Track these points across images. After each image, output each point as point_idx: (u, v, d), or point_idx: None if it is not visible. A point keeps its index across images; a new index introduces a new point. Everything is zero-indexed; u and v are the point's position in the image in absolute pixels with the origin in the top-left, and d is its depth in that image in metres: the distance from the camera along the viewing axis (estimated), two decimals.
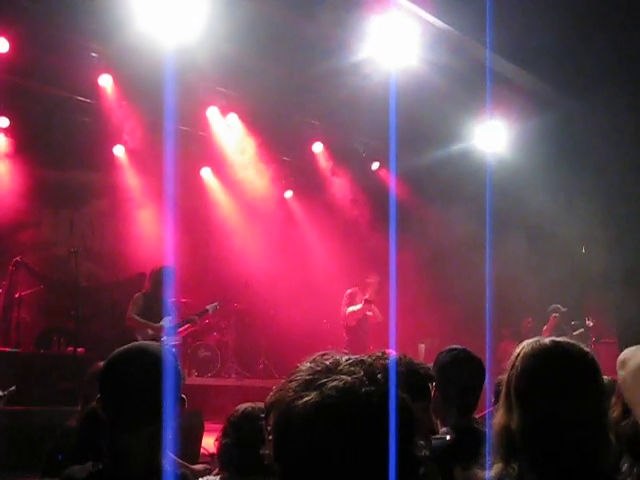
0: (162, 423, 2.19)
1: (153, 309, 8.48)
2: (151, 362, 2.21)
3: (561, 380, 2.01)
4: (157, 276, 8.62)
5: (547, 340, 2.11)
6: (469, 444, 2.39)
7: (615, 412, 2.56)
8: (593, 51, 9.14)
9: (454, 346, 3.57)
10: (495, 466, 2.02)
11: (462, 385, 3.25)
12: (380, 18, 8.75)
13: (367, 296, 10.23)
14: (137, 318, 8.37)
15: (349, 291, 10.54)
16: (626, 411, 2.52)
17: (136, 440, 2.16)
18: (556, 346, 2.09)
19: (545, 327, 10.71)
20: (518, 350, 2.13)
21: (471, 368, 3.37)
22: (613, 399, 2.62)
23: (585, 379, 2.04)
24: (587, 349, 2.11)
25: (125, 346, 2.36)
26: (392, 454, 1.24)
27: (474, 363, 3.43)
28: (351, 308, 10.33)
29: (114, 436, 2.18)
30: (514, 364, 2.10)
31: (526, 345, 2.12)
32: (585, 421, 1.97)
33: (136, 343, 2.42)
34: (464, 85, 9.81)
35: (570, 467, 1.92)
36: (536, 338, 2.14)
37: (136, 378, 2.19)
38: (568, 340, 2.14)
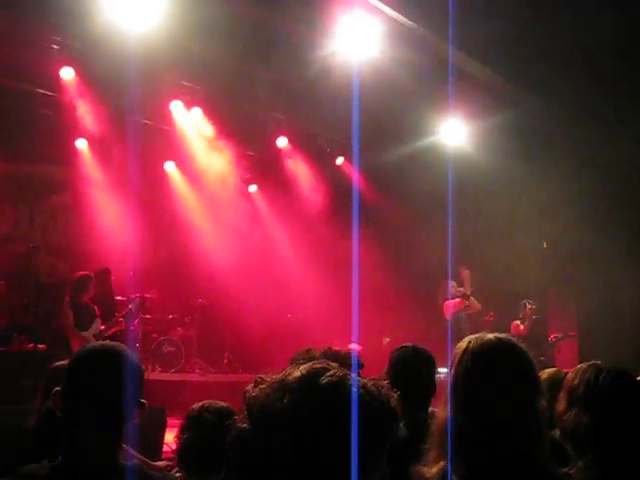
0: (123, 422, 2.24)
1: (81, 317, 9.02)
2: (117, 363, 2.24)
3: (503, 378, 2.05)
4: (76, 285, 9.18)
5: (491, 336, 2.14)
6: (423, 438, 2.42)
7: (561, 406, 2.63)
8: (554, 47, 9.26)
9: (404, 344, 3.62)
10: (436, 464, 2.05)
11: (413, 381, 3.29)
12: (343, 14, 8.76)
13: (466, 291, 10.34)
14: (74, 330, 8.90)
15: (443, 284, 10.59)
16: (570, 404, 2.59)
17: (96, 437, 2.19)
18: (500, 343, 2.12)
19: (519, 322, 10.89)
20: (463, 346, 2.14)
21: (420, 363, 3.41)
22: (560, 393, 2.69)
23: (526, 377, 2.09)
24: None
25: (92, 344, 2.42)
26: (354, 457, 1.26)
27: (424, 358, 3.48)
28: (447, 302, 10.43)
29: (73, 433, 2.20)
30: (460, 360, 2.11)
31: (472, 341, 2.14)
32: (523, 419, 2.01)
33: (102, 343, 2.46)
34: (427, 81, 9.86)
35: (502, 465, 1.96)
36: (481, 334, 2.17)
37: (102, 377, 2.22)
38: (509, 337, 2.18)
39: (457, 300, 10.33)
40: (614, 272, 10.75)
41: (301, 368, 1.35)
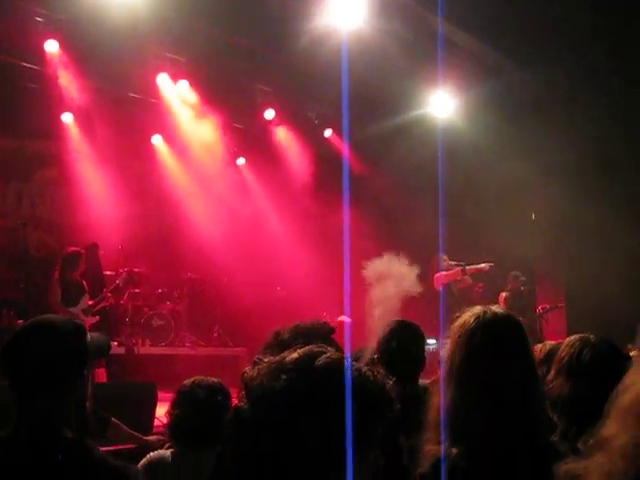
0: (62, 395, 2.31)
1: (69, 293, 9.08)
2: (51, 337, 2.32)
3: (512, 356, 2.07)
4: (67, 261, 9.22)
5: (497, 311, 2.15)
6: (414, 412, 2.43)
7: (550, 375, 2.67)
8: (542, 17, 9.24)
9: (393, 319, 3.64)
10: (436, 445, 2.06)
11: (402, 355, 3.31)
12: None
13: (467, 268, 10.23)
14: (61, 306, 8.91)
15: (435, 257, 10.48)
16: (556, 375, 2.63)
17: (36, 410, 2.26)
18: (508, 319, 2.14)
19: (505, 294, 10.96)
20: (469, 321, 2.15)
21: (410, 337, 3.43)
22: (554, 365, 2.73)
23: (529, 353, 2.11)
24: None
25: (29, 321, 2.44)
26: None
27: (411, 331, 3.50)
28: (440, 273, 10.23)
29: (17, 405, 2.28)
30: (468, 337, 2.12)
31: (479, 317, 2.15)
32: (528, 397, 2.03)
33: (40, 318, 2.48)
34: (415, 52, 9.81)
35: (508, 445, 1.98)
36: (481, 308, 2.18)
37: (34, 352, 2.28)
38: (508, 311, 2.20)
39: (453, 270, 10.27)
40: (603, 242, 10.78)
41: (299, 350, 1.39)
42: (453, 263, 10.33)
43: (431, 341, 4.01)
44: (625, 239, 10.30)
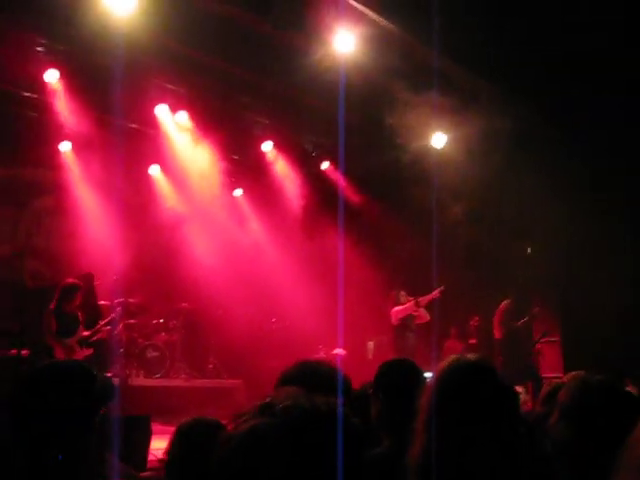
0: (75, 445, 2.25)
1: (65, 324, 9.00)
2: (62, 386, 2.26)
3: (474, 398, 2.07)
4: (64, 293, 9.15)
5: (470, 356, 2.16)
6: None
7: (553, 418, 2.61)
8: (538, 52, 9.31)
9: (392, 358, 3.62)
10: None
11: (400, 394, 3.26)
12: (331, 19, 8.75)
13: (420, 299, 10.43)
14: (55, 337, 8.89)
15: (393, 292, 10.75)
16: (559, 416, 2.56)
17: (49, 463, 2.19)
18: (473, 363, 2.15)
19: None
20: (439, 368, 2.18)
21: (406, 376, 3.39)
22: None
23: (497, 395, 2.11)
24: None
25: (40, 366, 2.39)
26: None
27: (409, 370, 3.45)
28: (396, 308, 10.55)
29: (28, 457, 2.19)
30: (433, 385, 2.14)
31: (442, 364, 2.18)
32: (493, 437, 2.02)
33: (49, 364, 2.46)
34: (412, 85, 9.87)
35: None
36: (453, 357, 2.19)
37: (46, 402, 2.22)
38: (481, 357, 2.20)
39: (408, 304, 10.42)
40: (600, 274, 10.74)
41: (282, 399, 1.31)
42: (411, 298, 10.49)
43: (427, 374, 3.96)
44: (623, 269, 10.30)
